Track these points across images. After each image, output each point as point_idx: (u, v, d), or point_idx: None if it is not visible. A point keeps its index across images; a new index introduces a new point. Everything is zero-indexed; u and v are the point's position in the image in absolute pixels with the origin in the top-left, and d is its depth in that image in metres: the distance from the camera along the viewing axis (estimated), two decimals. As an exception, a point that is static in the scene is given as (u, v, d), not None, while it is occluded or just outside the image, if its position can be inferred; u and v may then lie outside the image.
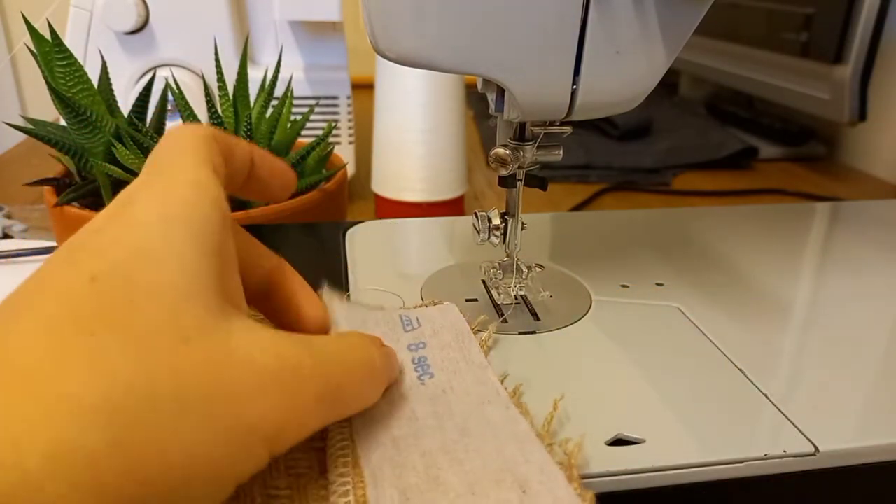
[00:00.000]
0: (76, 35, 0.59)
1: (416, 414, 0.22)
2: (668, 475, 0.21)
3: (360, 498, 0.18)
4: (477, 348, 0.25)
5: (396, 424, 0.21)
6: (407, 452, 0.20)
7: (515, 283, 0.31)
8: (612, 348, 0.27)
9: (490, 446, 0.20)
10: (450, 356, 0.25)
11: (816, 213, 0.45)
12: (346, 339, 0.21)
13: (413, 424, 0.21)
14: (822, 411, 0.24)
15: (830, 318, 0.31)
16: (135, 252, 0.17)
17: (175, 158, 0.20)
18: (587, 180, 0.75)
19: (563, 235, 0.40)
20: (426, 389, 0.23)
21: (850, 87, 0.67)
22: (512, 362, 0.26)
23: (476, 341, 0.26)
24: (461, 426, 0.21)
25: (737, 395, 0.25)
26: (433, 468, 0.19)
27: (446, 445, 0.20)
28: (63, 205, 0.39)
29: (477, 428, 0.21)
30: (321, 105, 0.64)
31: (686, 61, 1.00)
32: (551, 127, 0.28)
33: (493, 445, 0.20)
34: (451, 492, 0.18)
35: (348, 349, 0.20)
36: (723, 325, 0.29)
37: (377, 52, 0.24)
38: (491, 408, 0.22)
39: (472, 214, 0.31)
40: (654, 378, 0.25)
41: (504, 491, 0.18)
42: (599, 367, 0.26)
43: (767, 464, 0.22)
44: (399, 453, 0.20)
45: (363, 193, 0.68)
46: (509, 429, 0.21)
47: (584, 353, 0.27)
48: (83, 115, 0.39)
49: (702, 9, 0.25)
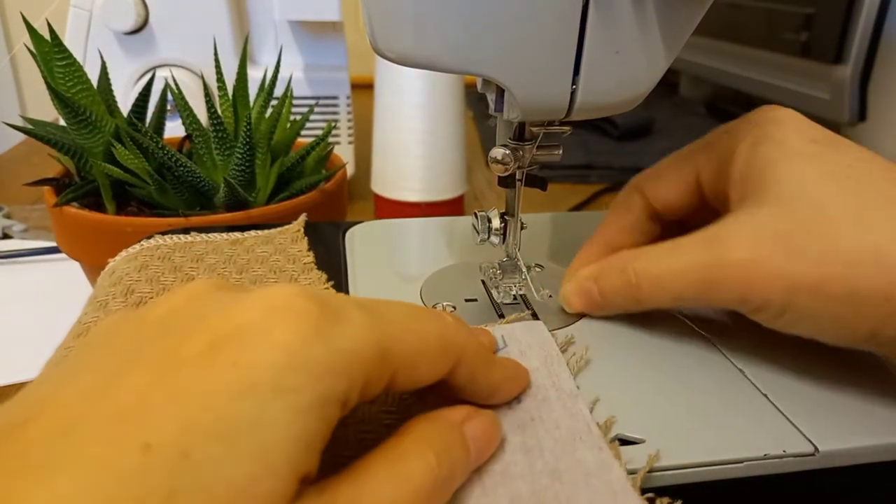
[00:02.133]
0: (76, 35, 0.59)
1: (504, 444, 0.20)
2: (668, 475, 0.21)
3: None
4: (567, 374, 0.24)
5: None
6: (494, 495, 0.19)
7: (515, 283, 0.31)
8: (612, 348, 0.27)
9: (582, 497, 0.19)
10: (538, 382, 0.23)
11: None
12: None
13: (500, 457, 0.20)
14: (822, 411, 0.24)
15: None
16: (213, 423, 0.14)
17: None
18: (587, 180, 0.75)
19: (563, 235, 0.40)
20: (514, 415, 0.22)
21: (850, 87, 0.67)
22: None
23: (565, 365, 0.25)
24: (552, 468, 0.20)
25: (737, 395, 0.25)
26: None
27: (537, 492, 0.19)
28: (63, 205, 0.39)
29: (568, 473, 0.20)
30: (321, 105, 0.64)
31: (686, 61, 1.00)
32: (551, 127, 0.28)
33: (586, 496, 0.19)
34: None
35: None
36: (723, 326, 0.29)
37: (377, 52, 0.24)
38: (583, 447, 0.21)
39: (472, 214, 0.31)
40: (654, 378, 0.25)
41: None
42: (599, 367, 0.26)
43: (767, 464, 0.22)
44: (485, 493, 0.19)
45: (363, 193, 0.68)
46: (602, 477, 0.19)
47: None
48: (83, 116, 0.39)
49: (702, 9, 0.25)
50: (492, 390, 0.21)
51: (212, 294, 0.17)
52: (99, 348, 0.16)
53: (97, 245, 0.39)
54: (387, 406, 0.21)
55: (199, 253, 0.32)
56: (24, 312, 0.47)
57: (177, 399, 0.14)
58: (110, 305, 0.28)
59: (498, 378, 0.21)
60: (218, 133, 0.41)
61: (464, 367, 0.19)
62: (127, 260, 0.32)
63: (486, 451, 0.19)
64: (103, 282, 0.31)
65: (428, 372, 0.18)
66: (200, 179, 0.39)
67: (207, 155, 0.42)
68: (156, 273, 0.30)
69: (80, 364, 0.16)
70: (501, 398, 0.22)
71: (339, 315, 0.16)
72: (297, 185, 0.44)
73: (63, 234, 0.41)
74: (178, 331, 0.15)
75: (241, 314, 0.15)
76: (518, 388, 0.22)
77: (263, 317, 0.15)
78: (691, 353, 0.27)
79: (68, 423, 0.13)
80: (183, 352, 0.15)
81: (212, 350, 0.15)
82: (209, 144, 0.42)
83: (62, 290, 0.50)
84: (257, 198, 0.42)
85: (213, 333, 0.15)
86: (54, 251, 0.53)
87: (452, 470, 0.18)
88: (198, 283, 0.18)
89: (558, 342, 0.26)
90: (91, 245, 0.40)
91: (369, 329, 0.16)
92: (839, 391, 0.25)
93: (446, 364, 0.19)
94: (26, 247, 0.55)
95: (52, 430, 0.13)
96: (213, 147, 0.42)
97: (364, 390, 0.16)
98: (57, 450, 0.13)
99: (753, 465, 0.22)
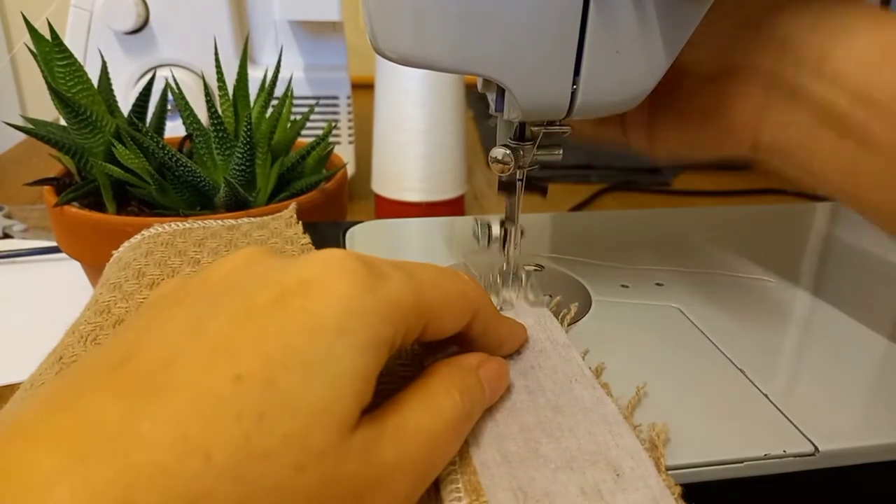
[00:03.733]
0: (76, 35, 0.59)
1: (510, 387, 0.23)
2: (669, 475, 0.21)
3: (465, 457, 0.20)
4: (559, 328, 0.27)
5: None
6: (505, 424, 0.21)
7: (515, 290, 0.31)
8: (612, 348, 0.27)
9: (582, 427, 0.21)
10: (534, 336, 0.26)
11: (816, 213, 0.45)
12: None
13: (507, 398, 0.23)
14: (822, 411, 0.24)
15: (830, 318, 0.31)
16: (291, 357, 0.16)
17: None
18: (587, 180, 0.75)
19: (563, 235, 0.40)
20: (516, 364, 0.24)
21: (850, 87, 0.67)
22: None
23: (557, 322, 0.27)
24: (553, 403, 0.22)
25: (737, 395, 0.25)
26: (532, 442, 0.21)
27: (542, 423, 0.21)
28: (63, 205, 0.39)
29: (568, 407, 0.22)
30: (321, 105, 0.64)
31: (686, 61, 1.00)
32: (551, 127, 0.28)
33: (585, 426, 0.21)
34: (550, 463, 0.20)
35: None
36: (723, 325, 0.29)
37: (377, 52, 0.24)
38: (579, 387, 0.23)
39: (473, 220, 0.31)
40: (654, 378, 0.25)
41: (599, 471, 0.20)
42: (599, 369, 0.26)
43: (767, 464, 0.22)
44: (497, 424, 0.21)
45: (363, 193, 0.68)
46: (598, 410, 0.22)
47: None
48: (83, 115, 0.39)
49: (702, 9, 0.25)
50: (500, 342, 0.24)
51: (266, 257, 0.20)
52: (174, 303, 0.18)
53: (97, 245, 0.39)
54: (402, 360, 0.24)
55: (199, 238, 0.34)
56: (24, 312, 0.47)
57: (258, 339, 0.16)
58: (125, 287, 0.29)
59: (505, 332, 0.24)
60: (218, 133, 0.41)
61: (479, 320, 0.22)
62: (131, 248, 0.33)
63: (498, 390, 0.22)
64: (112, 269, 0.32)
65: (452, 323, 0.21)
66: (201, 179, 0.39)
67: (208, 155, 0.42)
68: (162, 257, 0.31)
69: (160, 315, 0.18)
70: (506, 351, 0.25)
71: (381, 273, 0.18)
72: (298, 184, 0.44)
73: (63, 233, 0.41)
74: (246, 286, 0.18)
75: (300, 270, 0.18)
76: (519, 343, 0.25)
77: (321, 272, 0.17)
78: (691, 353, 0.27)
79: (167, 358, 0.16)
80: (256, 301, 0.17)
81: (281, 299, 0.17)
82: (210, 144, 0.42)
83: (62, 290, 0.50)
84: (258, 198, 0.42)
85: (279, 287, 0.17)
86: (54, 251, 0.53)
87: (473, 406, 0.20)
88: (250, 248, 0.20)
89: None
90: (91, 245, 0.40)
91: (407, 285, 0.19)
92: (839, 391, 0.25)
93: (466, 317, 0.22)
94: (26, 247, 0.55)
95: (154, 364, 0.15)
96: (214, 147, 0.42)
97: (405, 337, 0.19)
98: (161, 379, 0.15)
99: (753, 465, 0.22)
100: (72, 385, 0.16)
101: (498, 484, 0.19)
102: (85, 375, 0.16)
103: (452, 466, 0.19)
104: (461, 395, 0.20)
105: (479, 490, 0.19)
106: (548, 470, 0.20)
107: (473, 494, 0.19)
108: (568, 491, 0.19)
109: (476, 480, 0.19)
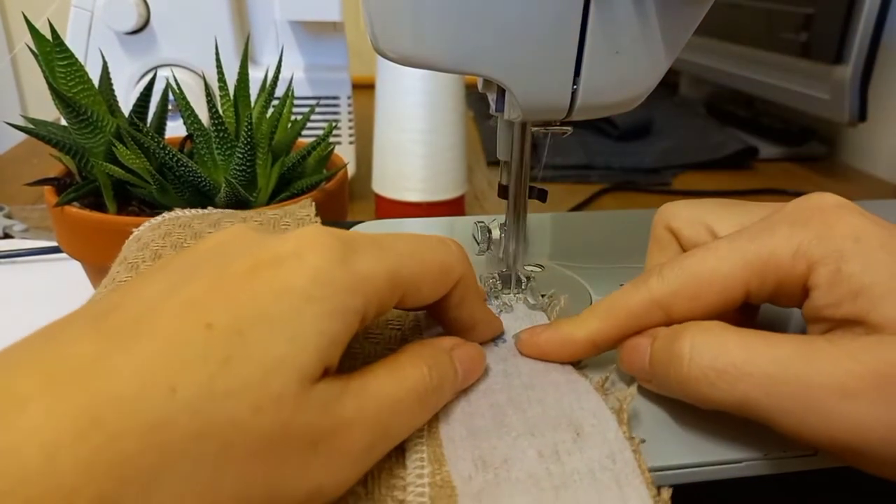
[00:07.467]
0: (77, 35, 0.59)
1: (488, 371, 0.24)
2: (668, 475, 0.21)
3: (433, 431, 0.21)
4: (545, 321, 0.28)
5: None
6: (476, 403, 0.23)
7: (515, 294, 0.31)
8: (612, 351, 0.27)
9: (551, 397, 0.23)
10: (520, 326, 0.27)
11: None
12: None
13: (483, 380, 0.24)
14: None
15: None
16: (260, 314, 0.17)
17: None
18: (587, 180, 0.75)
19: (563, 235, 0.40)
20: (498, 351, 0.26)
21: (850, 87, 0.67)
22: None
23: (545, 315, 0.29)
24: (527, 383, 0.24)
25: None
26: (499, 415, 0.22)
27: (513, 398, 0.23)
28: (63, 205, 0.40)
29: (541, 386, 0.23)
30: (322, 105, 0.64)
31: (686, 61, 1.00)
32: (551, 127, 0.28)
33: (554, 397, 0.23)
34: (512, 432, 0.21)
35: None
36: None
37: (377, 52, 0.24)
38: (556, 373, 0.24)
39: (473, 224, 0.31)
40: (655, 378, 0.25)
41: (560, 433, 0.21)
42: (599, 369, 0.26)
43: (767, 464, 0.22)
44: (469, 404, 0.23)
45: (363, 193, 0.68)
46: (570, 385, 0.23)
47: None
48: (84, 115, 0.39)
49: (702, 9, 0.25)
50: (472, 322, 0.25)
51: (252, 233, 0.21)
52: (161, 268, 0.20)
53: (98, 245, 0.39)
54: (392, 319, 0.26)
55: (215, 219, 0.35)
56: (24, 312, 0.47)
57: (230, 298, 0.18)
58: (140, 268, 0.30)
59: (479, 313, 0.25)
60: (219, 133, 0.41)
61: (458, 289, 0.23)
62: (151, 228, 0.34)
63: (472, 374, 0.23)
64: (130, 247, 0.33)
65: (430, 293, 0.22)
66: (202, 179, 0.39)
67: (208, 155, 0.42)
68: (178, 239, 0.33)
69: (147, 279, 0.19)
70: (479, 334, 0.25)
71: (356, 248, 0.20)
72: (298, 185, 0.44)
73: (64, 233, 0.41)
74: (226, 256, 0.19)
75: (278, 245, 0.19)
76: (493, 330, 0.26)
77: (297, 247, 0.19)
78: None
79: (146, 310, 0.17)
80: (231, 269, 0.18)
81: (255, 269, 0.18)
82: (210, 144, 0.42)
83: (62, 290, 0.50)
84: (258, 198, 0.42)
85: (255, 258, 0.19)
86: (55, 251, 0.53)
87: (441, 381, 0.21)
88: (239, 225, 0.21)
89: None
90: (92, 245, 0.40)
91: (380, 260, 0.20)
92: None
93: (445, 286, 0.23)
94: (27, 247, 0.55)
95: (133, 314, 0.17)
96: (215, 147, 0.42)
97: (379, 308, 0.20)
98: (138, 327, 0.17)
99: (753, 464, 0.22)
100: (57, 326, 0.18)
101: (461, 455, 0.20)
102: (70, 321, 0.18)
103: (419, 439, 0.21)
104: (429, 369, 0.21)
105: (441, 460, 0.20)
106: (510, 438, 0.21)
107: (436, 464, 0.20)
108: (526, 455, 0.20)
109: (440, 452, 0.20)
